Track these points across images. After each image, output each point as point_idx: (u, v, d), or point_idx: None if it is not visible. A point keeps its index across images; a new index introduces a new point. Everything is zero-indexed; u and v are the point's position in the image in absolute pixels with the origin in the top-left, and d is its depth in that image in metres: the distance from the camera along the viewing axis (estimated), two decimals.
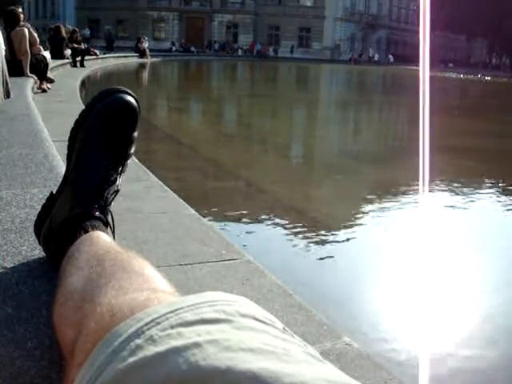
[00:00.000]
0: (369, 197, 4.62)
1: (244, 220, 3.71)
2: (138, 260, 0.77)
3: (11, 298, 0.87)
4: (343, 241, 3.49)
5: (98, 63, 17.46)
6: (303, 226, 3.71)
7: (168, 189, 2.85)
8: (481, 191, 5.14)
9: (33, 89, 6.36)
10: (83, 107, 1.02)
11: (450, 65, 53.31)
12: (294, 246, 3.33)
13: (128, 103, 0.97)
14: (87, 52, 15.29)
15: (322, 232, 3.63)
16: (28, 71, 6.91)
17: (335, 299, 2.56)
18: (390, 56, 58.37)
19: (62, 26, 13.59)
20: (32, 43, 7.26)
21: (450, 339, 2.27)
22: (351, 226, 3.82)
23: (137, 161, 3.24)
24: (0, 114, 3.41)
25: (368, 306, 2.55)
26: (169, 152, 6.45)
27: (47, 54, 8.03)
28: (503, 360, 2.17)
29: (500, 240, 3.68)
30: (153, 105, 10.78)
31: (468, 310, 2.58)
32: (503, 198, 5.02)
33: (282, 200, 4.39)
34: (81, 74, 11.99)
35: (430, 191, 4.50)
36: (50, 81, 7.87)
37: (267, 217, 3.80)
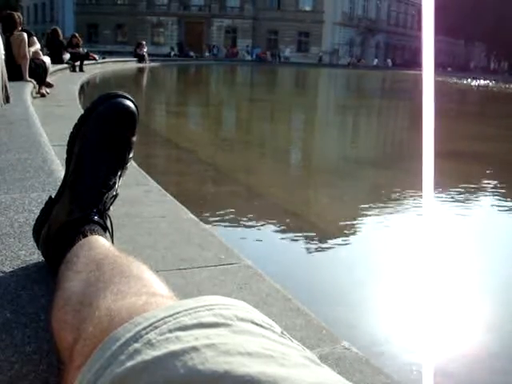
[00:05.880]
0: (369, 201, 4.61)
1: (243, 224, 3.71)
2: (136, 264, 0.77)
3: (10, 302, 0.87)
4: (343, 246, 3.50)
5: (98, 68, 17.47)
6: (302, 231, 3.71)
7: (167, 193, 2.85)
8: (483, 196, 5.15)
9: (32, 93, 6.36)
10: (82, 112, 1.02)
11: (449, 69, 53.41)
12: (294, 250, 3.33)
13: (127, 107, 0.97)
14: (86, 56, 15.28)
15: (322, 236, 3.63)
16: (27, 76, 6.92)
17: (332, 304, 2.56)
18: (389, 60, 58.52)
19: (58, 29, 13.57)
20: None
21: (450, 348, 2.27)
22: (352, 231, 3.82)
23: (136, 165, 3.24)
24: None
25: (363, 313, 2.55)
26: (168, 157, 6.46)
27: (47, 59, 8.04)
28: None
29: (503, 245, 3.68)
30: (152, 109, 10.79)
31: (468, 318, 2.58)
32: (505, 202, 5.02)
33: (282, 204, 4.39)
34: (80, 78, 12.00)
35: (433, 196, 4.50)
36: (49, 85, 7.87)
37: (266, 221, 3.79)
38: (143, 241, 2.09)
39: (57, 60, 12.10)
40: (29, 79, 6.90)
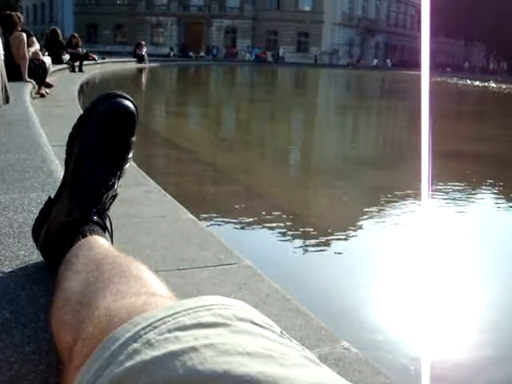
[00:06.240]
0: (369, 201, 4.62)
1: (243, 224, 3.71)
2: (136, 264, 0.77)
3: (9, 302, 0.87)
4: (343, 246, 3.50)
5: (97, 68, 17.47)
6: (302, 231, 3.71)
7: (166, 193, 2.85)
8: (482, 196, 5.15)
9: (31, 93, 6.36)
10: (81, 112, 1.02)
11: (448, 69, 53.40)
12: (293, 250, 3.33)
13: (126, 108, 0.97)
14: (86, 57, 15.26)
15: (322, 236, 3.63)
16: (26, 76, 6.92)
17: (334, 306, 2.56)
18: (388, 61, 58.53)
19: (58, 30, 13.56)
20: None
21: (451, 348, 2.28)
22: (351, 231, 3.82)
23: (135, 165, 3.24)
24: None
25: (358, 311, 2.55)
26: (167, 157, 6.46)
27: (47, 59, 8.03)
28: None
29: (501, 246, 3.68)
30: (151, 110, 10.79)
31: (467, 318, 2.58)
32: (504, 202, 5.03)
33: (281, 204, 4.39)
34: (79, 78, 12.00)
35: (431, 196, 4.51)
36: (49, 86, 7.87)
37: (266, 221, 3.79)
38: (143, 241, 2.09)
39: (56, 60, 12.07)
40: (28, 79, 6.90)
